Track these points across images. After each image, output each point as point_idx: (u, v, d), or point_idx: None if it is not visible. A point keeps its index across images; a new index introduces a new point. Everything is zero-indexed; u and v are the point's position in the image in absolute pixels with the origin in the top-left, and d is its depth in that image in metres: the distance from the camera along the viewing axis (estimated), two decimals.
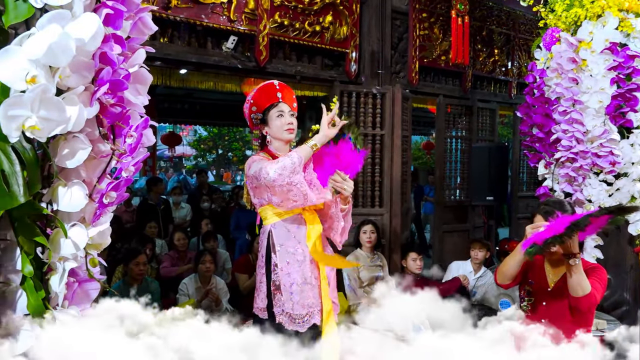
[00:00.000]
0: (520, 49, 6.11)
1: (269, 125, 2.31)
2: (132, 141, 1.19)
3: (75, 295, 1.18)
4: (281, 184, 2.03)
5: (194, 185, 11.75)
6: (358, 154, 2.21)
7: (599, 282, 2.08)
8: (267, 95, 2.32)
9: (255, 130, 2.42)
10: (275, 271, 2.24)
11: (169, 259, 4.95)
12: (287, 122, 2.28)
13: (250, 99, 2.35)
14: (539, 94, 3.28)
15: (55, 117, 1.01)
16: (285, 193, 2.08)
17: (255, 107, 2.34)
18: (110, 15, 1.12)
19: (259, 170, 2.10)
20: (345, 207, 2.31)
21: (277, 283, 2.23)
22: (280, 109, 2.30)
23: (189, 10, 3.52)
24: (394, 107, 4.63)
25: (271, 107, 2.30)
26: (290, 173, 2.02)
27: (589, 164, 3.06)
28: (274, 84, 2.35)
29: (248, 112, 2.38)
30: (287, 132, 2.28)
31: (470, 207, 5.53)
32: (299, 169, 2.05)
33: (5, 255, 1.13)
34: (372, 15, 4.61)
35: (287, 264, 2.23)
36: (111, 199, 1.20)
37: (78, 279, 1.20)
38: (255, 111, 2.35)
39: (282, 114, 2.29)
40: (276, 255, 2.24)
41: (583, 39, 3.05)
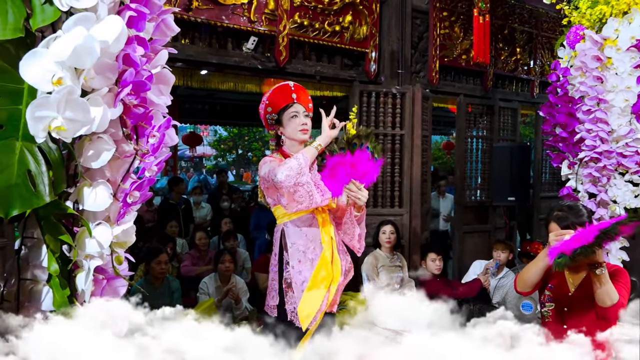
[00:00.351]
0: (543, 47, 6.02)
1: (284, 126, 2.35)
2: (154, 141, 1.20)
3: (104, 292, 1.21)
4: (288, 185, 2.07)
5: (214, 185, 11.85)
6: (375, 164, 2.22)
7: (624, 288, 2.02)
8: (282, 96, 2.36)
9: (271, 131, 2.46)
10: (287, 269, 2.28)
11: (190, 258, 5.01)
12: (301, 123, 2.31)
13: (266, 100, 2.40)
14: (562, 93, 3.23)
15: (81, 117, 1.03)
16: (291, 194, 2.11)
17: (271, 108, 2.38)
18: (133, 17, 1.14)
19: (268, 172, 2.17)
20: (359, 214, 2.33)
21: (288, 281, 2.27)
22: (295, 109, 2.33)
23: (210, 12, 3.55)
24: (414, 106, 4.61)
25: (286, 108, 2.34)
26: (297, 174, 2.07)
27: (614, 164, 2.99)
28: (289, 85, 2.39)
29: (263, 113, 2.42)
30: (301, 132, 2.31)
31: (492, 207, 5.47)
32: (306, 170, 2.09)
33: (32, 253, 1.16)
34: (392, 15, 4.59)
35: (299, 262, 2.27)
36: (135, 198, 1.22)
37: (106, 276, 1.22)
38: (270, 112, 2.39)
39: (297, 114, 2.32)
40: (288, 254, 2.28)
41: (608, 36, 2.99)
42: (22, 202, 1.01)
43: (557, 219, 2.09)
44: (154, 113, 1.23)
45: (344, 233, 2.40)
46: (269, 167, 2.18)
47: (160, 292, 4.04)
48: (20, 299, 1.13)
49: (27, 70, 0.98)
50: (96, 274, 1.19)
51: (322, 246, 2.26)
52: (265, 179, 2.20)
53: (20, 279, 1.13)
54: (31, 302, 1.13)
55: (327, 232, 2.29)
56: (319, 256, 2.26)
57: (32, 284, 1.14)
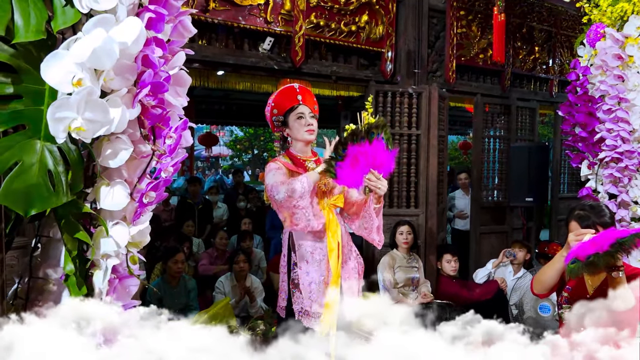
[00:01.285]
0: (562, 46, 5.93)
1: (290, 127, 2.39)
2: (171, 142, 1.22)
3: (116, 291, 1.22)
4: (288, 206, 2.13)
5: (230, 185, 11.92)
6: (390, 154, 2.21)
7: None
8: (287, 98, 2.39)
9: (277, 133, 2.49)
10: (294, 270, 2.30)
11: (208, 257, 5.04)
12: (307, 124, 2.35)
13: (271, 102, 2.42)
14: (582, 92, 3.18)
15: (100, 118, 1.04)
16: (290, 215, 2.16)
17: (277, 110, 2.41)
18: (152, 19, 1.15)
19: (270, 187, 2.20)
20: (377, 205, 2.33)
21: (296, 281, 2.29)
22: (301, 111, 2.36)
23: (227, 13, 3.58)
24: (430, 106, 4.58)
25: (292, 110, 2.37)
26: (299, 197, 2.11)
27: (635, 164, 2.94)
28: (294, 87, 2.42)
29: (269, 115, 2.45)
30: (308, 133, 2.35)
31: (509, 208, 5.41)
32: (307, 195, 2.13)
33: (46, 252, 1.17)
34: (408, 14, 4.57)
35: (306, 263, 2.29)
36: (151, 198, 1.23)
37: (118, 275, 1.23)
38: (276, 114, 2.42)
39: (303, 115, 2.35)
40: (296, 255, 2.31)
41: (630, 34, 2.94)
42: (42, 201, 1.03)
43: (578, 218, 2.06)
44: (170, 114, 1.24)
45: (362, 227, 2.40)
46: (272, 182, 2.21)
47: (177, 291, 4.08)
48: (31, 297, 1.15)
49: (48, 71, 1.00)
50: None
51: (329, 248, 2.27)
52: (268, 190, 2.23)
53: (31, 277, 1.15)
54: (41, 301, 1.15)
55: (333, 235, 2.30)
56: (326, 256, 2.28)
57: (44, 283, 1.16)
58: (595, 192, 3.19)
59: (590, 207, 2.12)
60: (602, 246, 1.79)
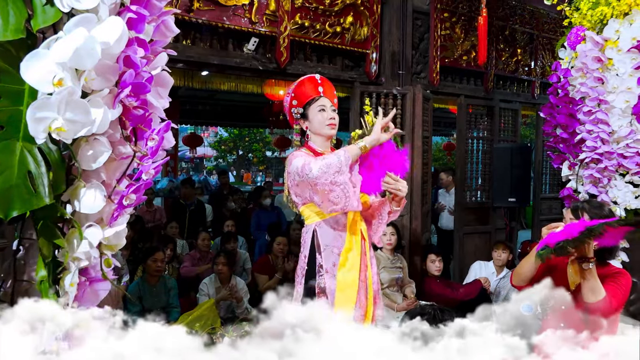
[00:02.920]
0: (543, 49, 6.02)
1: (310, 120, 2.23)
2: (153, 144, 1.20)
3: (84, 294, 1.20)
4: (324, 183, 1.93)
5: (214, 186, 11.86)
6: (402, 153, 2.13)
7: (618, 288, 2.02)
8: (308, 89, 2.24)
9: (296, 125, 2.31)
10: (320, 273, 2.13)
11: (190, 259, 5.01)
12: (329, 117, 2.20)
13: (291, 92, 2.27)
14: (563, 94, 3.23)
15: (81, 119, 1.03)
16: (326, 194, 1.96)
17: (296, 101, 2.25)
18: (133, 19, 1.14)
19: (301, 167, 2.00)
20: (398, 208, 2.23)
21: (322, 285, 2.12)
22: (322, 103, 2.22)
23: (211, 13, 3.56)
24: (415, 107, 4.61)
25: (312, 102, 2.23)
26: (335, 172, 1.92)
27: (615, 165, 2.99)
28: (315, 78, 2.27)
29: (288, 106, 2.29)
30: (329, 127, 2.20)
31: (492, 208, 5.46)
32: (345, 169, 1.94)
33: (30, 254, 1.15)
34: (393, 16, 4.59)
35: (333, 265, 2.12)
36: (131, 201, 1.21)
37: (89, 278, 1.21)
38: (296, 105, 2.25)
39: (324, 108, 2.21)
40: (321, 257, 2.13)
41: (609, 37, 2.99)
42: (22, 203, 1.01)
43: (573, 209, 2.15)
44: (152, 115, 1.23)
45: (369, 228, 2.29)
46: (303, 161, 2.01)
47: (157, 290, 4.05)
48: (16, 300, 1.13)
49: (28, 71, 0.99)
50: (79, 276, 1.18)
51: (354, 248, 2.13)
52: (298, 173, 2.03)
53: (16, 280, 1.13)
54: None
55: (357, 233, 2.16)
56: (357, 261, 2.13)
57: (28, 286, 1.14)
58: (576, 193, 3.24)
59: (587, 201, 2.25)
60: (572, 234, 1.84)
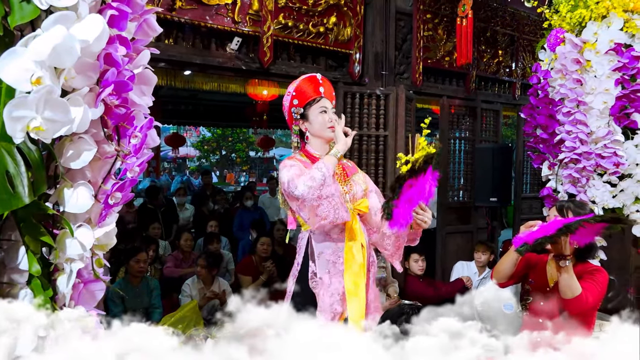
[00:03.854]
0: (524, 50, 6.10)
1: (310, 122, 2.17)
2: (136, 142, 1.19)
3: (81, 295, 1.19)
4: (311, 199, 1.89)
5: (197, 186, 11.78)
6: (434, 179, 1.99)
7: (595, 285, 2.06)
8: (309, 89, 2.18)
9: (294, 126, 2.23)
10: (313, 279, 2.08)
11: (173, 260, 4.97)
12: (329, 120, 2.15)
13: (292, 91, 2.19)
14: (543, 95, 3.28)
15: (60, 118, 1.01)
16: (314, 208, 1.91)
17: (297, 101, 2.18)
18: (115, 16, 1.13)
19: (287, 183, 1.96)
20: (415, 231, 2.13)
21: (316, 291, 2.08)
22: (323, 104, 2.16)
23: (194, 12, 3.53)
24: (398, 108, 4.63)
25: (313, 102, 2.16)
26: (320, 185, 1.88)
27: (593, 165, 3.05)
28: (316, 77, 2.21)
29: (289, 105, 2.21)
30: (331, 130, 2.14)
31: (474, 208, 5.52)
32: (329, 180, 1.90)
33: (10, 256, 1.13)
34: (376, 17, 4.61)
35: (327, 273, 2.07)
36: (116, 199, 1.20)
37: (83, 279, 1.20)
38: (296, 105, 2.18)
39: (325, 110, 2.16)
40: (315, 264, 2.09)
41: (587, 39, 3.04)
42: (1, 203, 0.99)
43: (558, 207, 2.21)
44: (135, 113, 1.21)
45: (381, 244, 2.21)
46: (289, 177, 1.96)
47: (139, 291, 4.01)
48: None
49: (5, 69, 0.97)
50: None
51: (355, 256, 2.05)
52: (284, 189, 1.99)
53: None
54: None
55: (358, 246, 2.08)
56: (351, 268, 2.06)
57: (9, 288, 1.12)
58: (555, 192, 3.29)
59: (571, 201, 2.31)
60: (550, 231, 1.89)
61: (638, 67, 2.90)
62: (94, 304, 1.24)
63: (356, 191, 2.17)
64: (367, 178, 2.31)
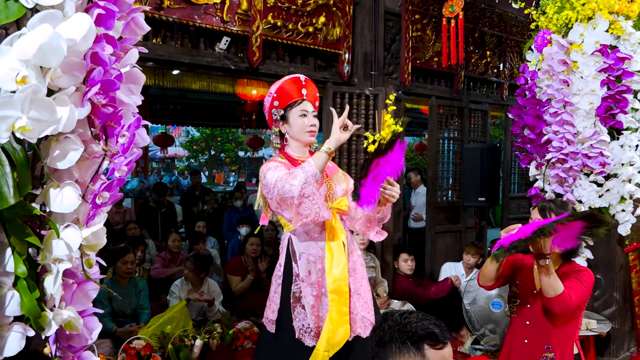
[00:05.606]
0: (512, 51, 6.15)
1: (290, 124, 2.14)
2: (124, 141, 1.18)
3: (74, 296, 1.17)
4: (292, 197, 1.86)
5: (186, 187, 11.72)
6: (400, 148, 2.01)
7: (579, 284, 2.08)
8: (291, 90, 2.14)
9: (274, 127, 2.20)
10: (296, 282, 2.06)
11: (161, 261, 4.94)
12: (310, 124, 2.12)
13: (274, 92, 2.15)
14: (530, 96, 3.30)
15: (46, 117, 1.00)
16: (296, 206, 1.89)
17: (278, 102, 2.14)
18: (101, 15, 1.11)
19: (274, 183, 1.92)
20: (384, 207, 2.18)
21: (297, 295, 2.05)
22: (304, 107, 2.13)
23: (182, 11, 3.51)
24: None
25: (294, 104, 2.13)
26: (303, 184, 1.85)
27: (580, 165, 3.08)
28: (300, 79, 2.17)
29: (269, 107, 2.17)
30: (309, 134, 2.12)
31: (462, 208, 5.55)
32: (312, 180, 1.88)
33: None
34: (365, 17, 4.62)
35: (309, 273, 2.05)
36: (104, 199, 1.19)
37: (76, 280, 1.19)
38: (277, 106, 2.14)
39: (306, 113, 2.13)
40: (297, 265, 2.06)
41: (574, 41, 3.07)
42: None
43: (540, 208, 2.22)
44: (123, 113, 1.20)
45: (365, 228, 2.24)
46: (276, 177, 1.94)
47: (127, 292, 3.99)
48: None
49: None
50: (66, 278, 1.16)
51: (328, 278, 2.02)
52: (270, 190, 1.96)
53: None
54: None
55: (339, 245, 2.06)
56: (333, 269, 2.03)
57: None
58: (543, 192, 3.32)
59: (552, 201, 2.33)
60: (526, 234, 1.92)
61: (623, 69, 2.93)
62: (87, 304, 1.23)
63: (336, 190, 2.16)
64: (348, 177, 2.31)
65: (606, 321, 3.14)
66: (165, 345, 3.45)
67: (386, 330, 1.24)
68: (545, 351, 2.16)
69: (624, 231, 3.11)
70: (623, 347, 3.35)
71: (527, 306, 2.25)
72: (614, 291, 3.29)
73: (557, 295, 2.02)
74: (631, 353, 3.34)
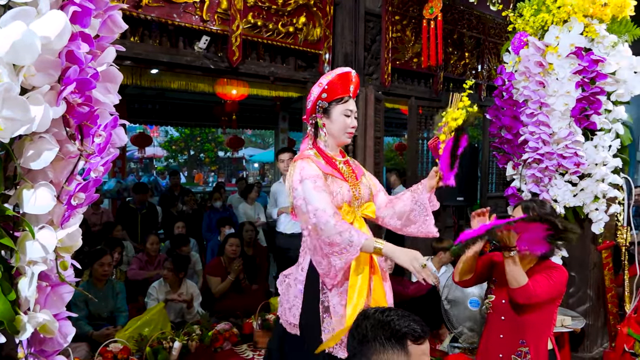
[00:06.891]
0: (490, 53, 6.23)
1: (331, 120, 2.09)
2: (100, 141, 1.16)
3: (48, 299, 1.15)
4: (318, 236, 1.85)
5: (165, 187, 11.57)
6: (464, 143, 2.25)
7: (547, 279, 2.15)
8: (342, 86, 2.08)
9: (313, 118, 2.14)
10: (324, 290, 1.99)
11: (137, 262, 4.87)
12: (352, 125, 2.09)
13: (325, 84, 2.07)
14: (507, 97, 3.35)
15: (19, 116, 0.98)
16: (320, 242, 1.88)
17: (326, 94, 2.07)
18: (77, 12, 1.09)
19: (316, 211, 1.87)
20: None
21: (326, 304, 1.98)
22: (349, 107, 2.09)
23: (161, 9, 3.47)
24: (367, 108, 4.66)
25: (340, 101, 2.08)
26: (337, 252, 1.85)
27: (555, 164, 3.13)
28: (350, 75, 2.10)
29: (316, 98, 2.09)
30: (348, 135, 2.10)
31: (442, 207, 5.59)
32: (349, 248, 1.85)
33: None
34: (345, 17, 4.63)
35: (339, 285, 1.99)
36: (80, 200, 1.17)
37: (51, 282, 1.16)
38: (325, 98, 2.07)
39: (349, 114, 2.09)
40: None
41: (550, 43, 3.13)
42: None
43: (523, 207, 2.32)
44: (100, 112, 1.18)
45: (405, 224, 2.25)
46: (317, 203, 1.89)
47: (104, 294, 3.93)
48: None
49: None
50: (40, 281, 1.13)
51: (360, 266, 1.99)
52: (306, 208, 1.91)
53: None
54: None
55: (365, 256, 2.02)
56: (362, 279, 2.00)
57: None
58: (519, 192, 3.37)
59: (533, 200, 2.44)
60: (480, 232, 2.01)
61: (597, 71, 2.99)
62: (62, 307, 1.20)
63: (364, 194, 2.14)
64: (372, 177, 2.32)
65: (580, 318, 3.21)
66: (143, 348, 3.41)
67: (368, 328, 1.26)
68: (519, 345, 2.21)
69: (597, 229, 3.18)
70: (596, 343, 3.43)
71: (502, 302, 2.30)
72: (588, 288, 3.35)
73: (520, 287, 2.10)
74: (604, 348, 3.41)
